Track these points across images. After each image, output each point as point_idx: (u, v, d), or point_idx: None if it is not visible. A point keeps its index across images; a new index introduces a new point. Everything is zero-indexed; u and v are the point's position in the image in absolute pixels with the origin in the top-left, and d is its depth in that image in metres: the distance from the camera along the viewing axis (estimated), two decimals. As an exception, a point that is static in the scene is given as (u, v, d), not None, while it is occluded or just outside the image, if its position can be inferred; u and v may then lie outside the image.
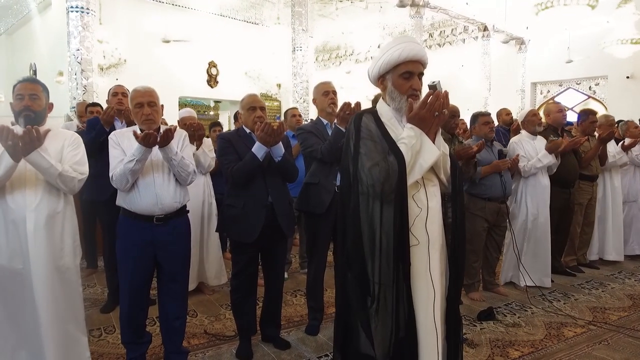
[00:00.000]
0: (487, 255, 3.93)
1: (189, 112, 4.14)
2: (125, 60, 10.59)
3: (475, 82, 13.26)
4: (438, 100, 1.66)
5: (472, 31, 14.04)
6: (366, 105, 2.63)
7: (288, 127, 4.50)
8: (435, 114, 1.68)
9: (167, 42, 11.21)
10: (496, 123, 5.37)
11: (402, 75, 1.76)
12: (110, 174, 2.37)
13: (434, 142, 1.72)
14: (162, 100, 2.60)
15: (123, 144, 2.42)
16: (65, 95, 7.56)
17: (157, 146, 2.32)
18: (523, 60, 13.81)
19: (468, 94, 12.27)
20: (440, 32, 15.30)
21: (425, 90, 1.74)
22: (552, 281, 4.14)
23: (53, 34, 10.12)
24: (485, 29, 13.10)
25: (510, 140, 4.23)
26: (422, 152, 1.70)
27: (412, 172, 1.70)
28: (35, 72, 11.84)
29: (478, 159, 3.69)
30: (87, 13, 7.25)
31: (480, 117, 3.84)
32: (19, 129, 2.09)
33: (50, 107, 2.34)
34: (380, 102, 1.89)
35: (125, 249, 2.46)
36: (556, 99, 13.24)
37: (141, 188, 2.39)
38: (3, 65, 14.72)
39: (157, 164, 2.43)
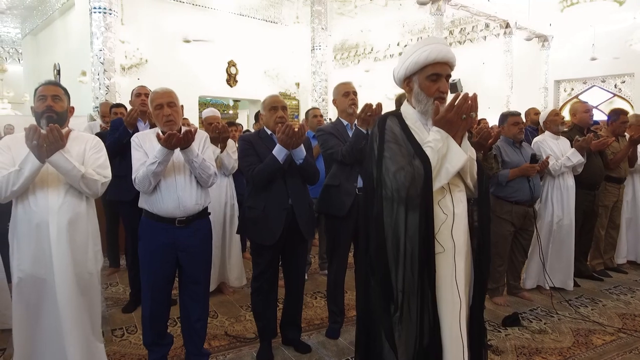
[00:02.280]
0: (512, 259, 3.83)
1: (213, 111, 4.12)
2: (146, 60, 10.72)
3: (496, 80, 13.05)
4: (466, 102, 1.61)
5: (494, 28, 13.82)
6: (388, 105, 2.58)
7: (309, 127, 4.46)
8: (463, 117, 1.63)
9: (188, 41, 11.31)
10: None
11: (430, 77, 1.71)
12: (132, 176, 2.37)
13: (460, 146, 1.67)
14: (182, 99, 2.60)
15: (145, 146, 2.41)
16: (88, 95, 7.68)
17: (178, 148, 2.32)
18: (546, 58, 13.54)
19: (490, 93, 12.10)
20: (461, 29, 15.11)
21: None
22: (578, 285, 4.04)
23: (76, 34, 10.30)
24: (507, 26, 12.87)
25: (534, 140, 4.13)
26: (449, 156, 1.65)
27: (438, 177, 1.65)
28: (59, 72, 12.07)
29: (506, 160, 3.59)
30: (110, 14, 7.37)
31: (509, 117, 3.70)
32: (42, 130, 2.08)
33: (71, 110, 2.34)
34: (405, 104, 1.84)
35: (147, 251, 2.46)
36: (580, 97, 12.94)
37: (163, 190, 2.39)
38: (28, 66, 15.07)
39: (179, 166, 2.43)
